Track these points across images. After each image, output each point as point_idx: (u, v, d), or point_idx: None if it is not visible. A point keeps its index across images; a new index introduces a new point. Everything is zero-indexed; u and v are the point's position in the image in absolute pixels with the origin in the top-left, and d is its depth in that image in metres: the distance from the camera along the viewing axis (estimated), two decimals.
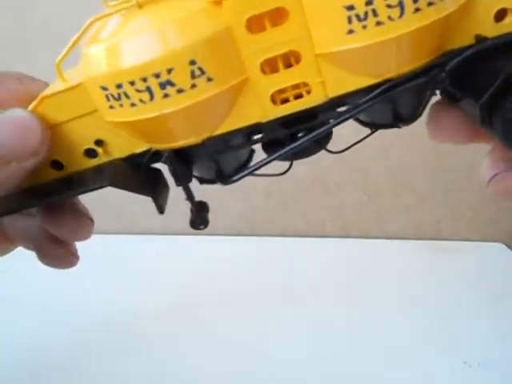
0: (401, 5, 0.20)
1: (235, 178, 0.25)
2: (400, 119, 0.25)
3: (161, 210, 0.25)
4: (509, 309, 0.42)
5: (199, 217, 0.26)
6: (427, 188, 0.55)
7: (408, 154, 0.53)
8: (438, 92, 0.25)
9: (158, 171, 0.26)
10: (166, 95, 0.21)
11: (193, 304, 0.44)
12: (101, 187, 0.23)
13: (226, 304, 0.44)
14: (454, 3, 0.21)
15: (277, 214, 0.57)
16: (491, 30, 0.22)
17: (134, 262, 0.52)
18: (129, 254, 0.53)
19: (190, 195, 0.25)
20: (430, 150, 0.53)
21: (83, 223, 0.29)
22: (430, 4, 0.20)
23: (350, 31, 0.20)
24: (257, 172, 0.25)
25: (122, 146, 0.24)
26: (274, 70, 0.22)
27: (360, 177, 0.55)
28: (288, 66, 0.22)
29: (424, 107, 0.24)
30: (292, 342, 0.40)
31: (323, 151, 0.26)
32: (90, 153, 0.24)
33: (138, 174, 0.25)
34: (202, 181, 0.27)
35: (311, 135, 0.23)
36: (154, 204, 0.25)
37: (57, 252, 0.29)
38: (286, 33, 0.21)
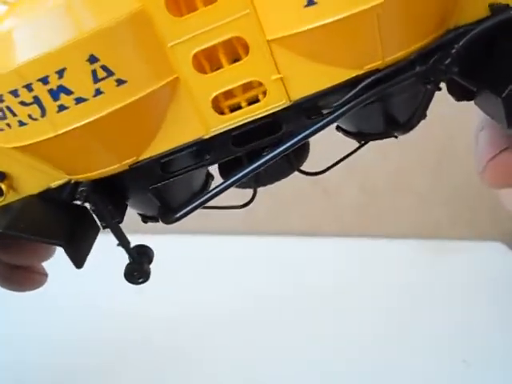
0: None
1: (178, 215, 0.19)
2: (394, 126, 0.19)
3: (77, 264, 0.20)
4: (508, 308, 0.42)
5: (137, 268, 0.20)
6: (426, 188, 0.55)
7: (407, 154, 0.53)
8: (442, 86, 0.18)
9: (84, 209, 0.21)
10: (61, 107, 0.15)
11: (192, 303, 0.44)
12: None
13: (225, 303, 0.44)
14: None
15: (276, 214, 0.57)
16: None
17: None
18: (124, 253, 0.53)
19: (122, 240, 0.20)
20: (429, 151, 0.53)
21: (40, 247, 0.24)
22: None
23: (310, 2, 0.14)
24: (215, 204, 0.20)
25: (33, 180, 0.19)
26: (214, 65, 0.16)
27: (359, 177, 0.55)
28: (233, 59, 0.16)
29: (425, 108, 0.18)
30: (291, 342, 0.40)
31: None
32: None
33: (57, 215, 0.20)
34: (145, 218, 0.22)
35: (274, 153, 0.17)
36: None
37: (22, 277, 0.25)
38: (222, 13, 0.15)
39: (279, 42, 0.16)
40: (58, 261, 0.29)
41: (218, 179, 0.20)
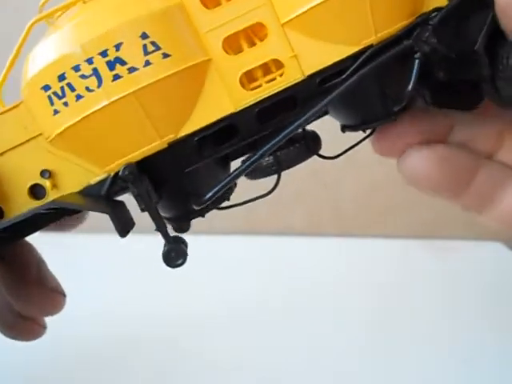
0: None
1: (208, 196, 0.21)
2: (390, 102, 0.22)
3: (122, 233, 0.21)
4: (508, 308, 0.42)
5: (174, 247, 0.21)
6: None
7: None
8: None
9: (121, 205, 0.22)
10: (116, 76, 0.18)
11: (193, 303, 0.44)
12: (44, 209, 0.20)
13: (226, 303, 0.44)
14: None
15: (277, 212, 0.56)
16: None
17: (131, 261, 0.51)
18: (127, 253, 0.52)
19: (159, 222, 0.21)
20: None
21: (53, 299, 0.26)
22: None
23: None
24: (240, 200, 0.22)
25: (74, 177, 0.21)
26: (239, 49, 0.20)
27: (360, 175, 0.55)
28: (254, 44, 0.20)
29: (414, 82, 0.21)
30: (292, 341, 0.40)
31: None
32: (36, 192, 0.21)
33: (97, 202, 0.21)
34: (176, 221, 0.23)
35: (295, 124, 0.20)
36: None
37: (23, 326, 0.26)
38: (244, 4, 0.19)
39: (291, 24, 0.20)
40: (57, 260, 0.29)
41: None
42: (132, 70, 0.18)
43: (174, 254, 0.21)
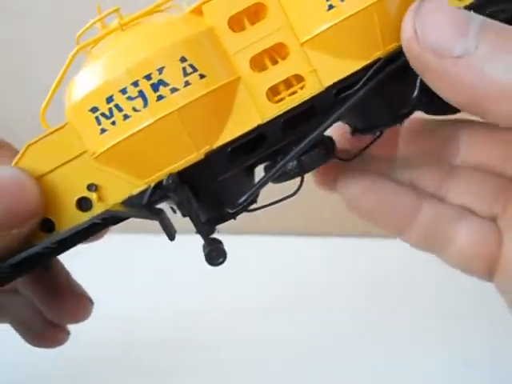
0: None
1: (241, 199, 0.23)
2: (397, 107, 0.24)
3: (170, 237, 0.23)
4: (506, 307, 0.42)
5: (214, 248, 0.23)
6: None
7: None
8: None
9: (162, 211, 0.23)
10: (160, 97, 0.20)
11: (192, 303, 0.44)
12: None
13: (226, 303, 0.44)
14: None
15: (277, 212, 0.56)
16: None
17: (132, 261, 0.51)
18: (127, 253, 0.53)
19: (199, 226, 0.23)
20: None
21: (84, 305, 0.27)
22: None
23: (330, 6, 0.21)
24: (267, 202, 0.25)
25: (117, 189, 0.22)
26: (263, 67, 0.22)
27: None
28: (276, 62, 0.22)
29: (419, 87, 0.23)
30: (292, 341, 0.40)
31: None
32: (83, 204, 0.23)
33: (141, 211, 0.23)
34: (211, 223, 0.25)
35: (319, 130, 0.23)
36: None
37: (52, 335, 0.27)
38: (266, 27, 0.22)
39: (309, 43, 0.22)
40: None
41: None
42: (174, 90, 0.20)
43: (215, 254, 0.23)
